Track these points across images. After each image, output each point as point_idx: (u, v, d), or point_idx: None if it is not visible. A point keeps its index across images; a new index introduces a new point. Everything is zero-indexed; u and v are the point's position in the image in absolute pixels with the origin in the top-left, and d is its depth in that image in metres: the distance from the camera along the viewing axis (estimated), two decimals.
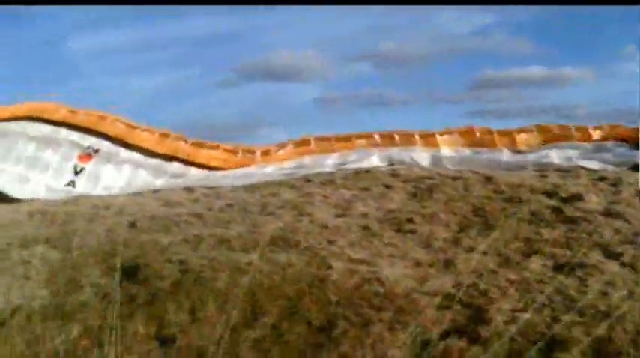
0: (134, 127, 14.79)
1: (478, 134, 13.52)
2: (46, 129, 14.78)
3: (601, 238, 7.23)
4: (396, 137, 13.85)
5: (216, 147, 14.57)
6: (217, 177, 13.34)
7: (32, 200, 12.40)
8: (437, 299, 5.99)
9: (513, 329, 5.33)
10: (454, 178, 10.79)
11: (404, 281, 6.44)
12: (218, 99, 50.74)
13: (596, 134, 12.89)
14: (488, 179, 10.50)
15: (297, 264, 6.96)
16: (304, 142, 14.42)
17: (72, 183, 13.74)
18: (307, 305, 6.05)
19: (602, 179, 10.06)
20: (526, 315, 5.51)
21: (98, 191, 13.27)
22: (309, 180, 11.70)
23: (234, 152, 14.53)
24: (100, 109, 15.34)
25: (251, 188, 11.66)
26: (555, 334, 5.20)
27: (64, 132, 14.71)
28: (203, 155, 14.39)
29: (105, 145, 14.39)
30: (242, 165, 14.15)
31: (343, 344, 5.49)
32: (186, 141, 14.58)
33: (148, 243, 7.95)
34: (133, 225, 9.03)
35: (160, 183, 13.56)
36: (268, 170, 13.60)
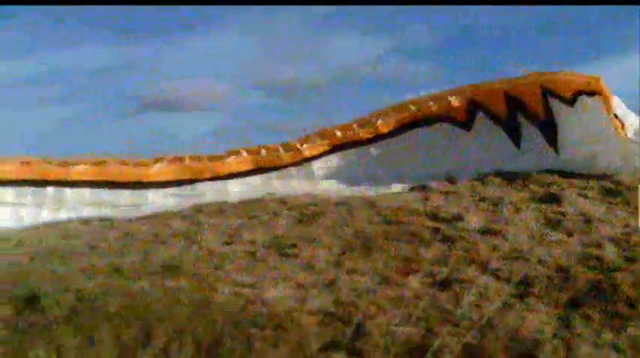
0: None
1: None
2: None
3: (478, 255, 7.83)
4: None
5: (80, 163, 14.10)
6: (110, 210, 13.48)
7: None
8: (317, 317, 6.53)
9: (389, 341, 5.92)
10: (337, 204, 11.21)
11: (285, 301, 6.94)
12: (118, 129, 50.09)
13: None
14: (371, 203, 10.92)
15: (186, 289, 7.40)
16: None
17: None
18: (195, 326, 6.48)
19: (483, 199, 10.65)
20: (402, 328, 6.10)
21: None
22: (199, 210, 12.06)
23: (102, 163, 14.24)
24: None
25: (145, 218, 11.99)
26: (429, 343, 5.78)
27: None
28: (74, 172, 13.86)
29: None
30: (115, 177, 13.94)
31: None
32: (50, 163, 14.02)
33: (46, 273, 8.28)
34: (33, 257, 9.35)
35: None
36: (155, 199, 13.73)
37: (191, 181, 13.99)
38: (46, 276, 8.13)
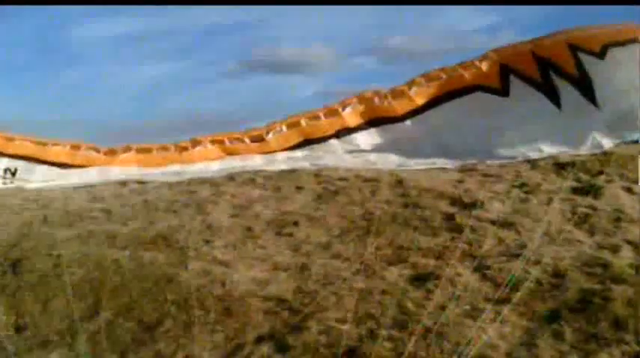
0: (44, 144, 15.38)
1: None
2: None
3: (478, 249, 7.26)
4: None
5: (129, 150, 15.40)
6: (155, 174, 13.97)
7: None
8: (269, 304, 6.44)
9: (323, 340, 5.68)
10: (367, 180, 10.82)
11: (247, 284, 6.88)
12: (221, 89, 51.33)
13: None
14: (400, 182, 10.40)
15: (159, 263, 7.56)
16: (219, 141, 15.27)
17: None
18: (145, 303, 6.64)
19: (521, 185, 9.92)
20: (343, 327, 5.77)
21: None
22: (232, 178, 12.10)
23: (147, 151, 15.35)
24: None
25: (177, 184, 12.14)
26: (358, 347, 5.49)
27: None
28: (118, 161, 15.26)
29: (20, 164, 14.99)
30: (157, 165, 14.94)
31: (160, 343, 6.03)
32: (98, 151, 15.42)
33: (43, 237, 8.70)
34: (45, 219, 9.80)
35: None
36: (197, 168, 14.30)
37: None
38: (43, 240, 8.53)
